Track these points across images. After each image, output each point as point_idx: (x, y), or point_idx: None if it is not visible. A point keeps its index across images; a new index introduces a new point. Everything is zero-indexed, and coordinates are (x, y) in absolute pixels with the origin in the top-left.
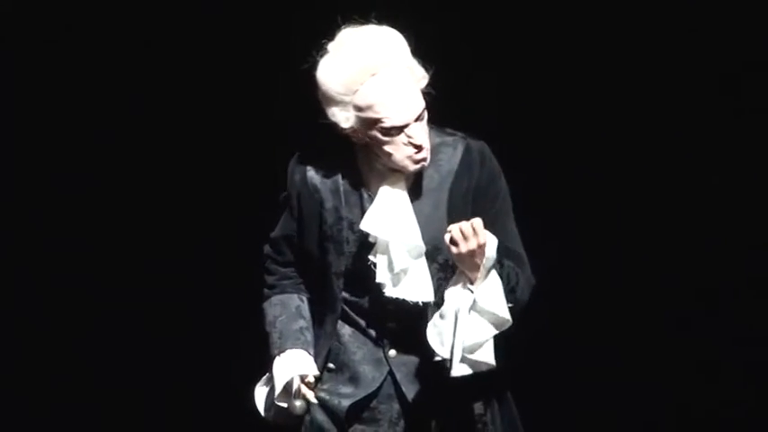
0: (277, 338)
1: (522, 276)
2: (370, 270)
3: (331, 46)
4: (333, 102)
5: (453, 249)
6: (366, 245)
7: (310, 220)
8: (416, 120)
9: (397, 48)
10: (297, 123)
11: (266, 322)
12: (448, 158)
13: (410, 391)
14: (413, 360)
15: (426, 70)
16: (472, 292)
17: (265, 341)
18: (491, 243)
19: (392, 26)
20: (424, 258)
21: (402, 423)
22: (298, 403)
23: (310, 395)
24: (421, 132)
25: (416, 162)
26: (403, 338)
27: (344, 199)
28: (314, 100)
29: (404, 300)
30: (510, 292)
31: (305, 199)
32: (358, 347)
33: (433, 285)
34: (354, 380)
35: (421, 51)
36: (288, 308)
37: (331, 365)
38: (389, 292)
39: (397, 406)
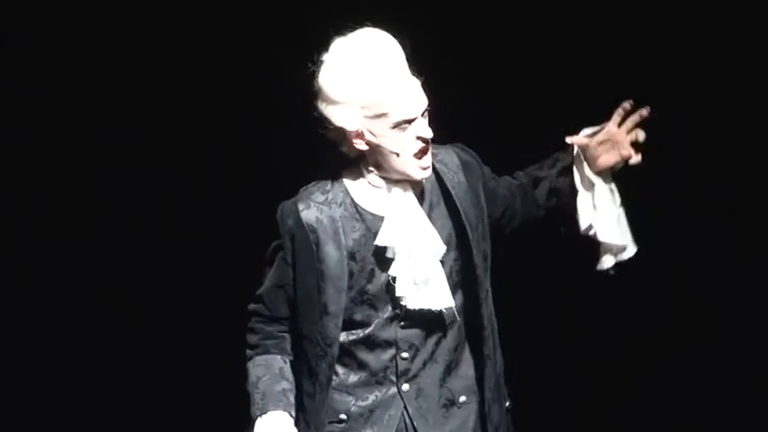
0: (259, 399)
1: None
2: (382, 293)
3: (327, 56)
4: (338, 104)
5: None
6: (380, 265)
7: (306, 261)
8: (422, 115)
9: (394, 47)
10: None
11: (248, 383)
12: (448, 168)
13: (421, 426)
14: (423, 393)
15: (418, 77)
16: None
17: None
18: None
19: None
20: (440, 265)
21: None
22: None
23: None
24: (427, 128)
25: (423, 168)
26: (415, 368)
27: (344, 230)
28: (313, 112)
29: (427, 310)
30: None
31: (299, 241)
32: (369, 392)
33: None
34: (372, 423)
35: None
36: (271, 369)
37: (343, 416)
38: (412, 303)
39: None
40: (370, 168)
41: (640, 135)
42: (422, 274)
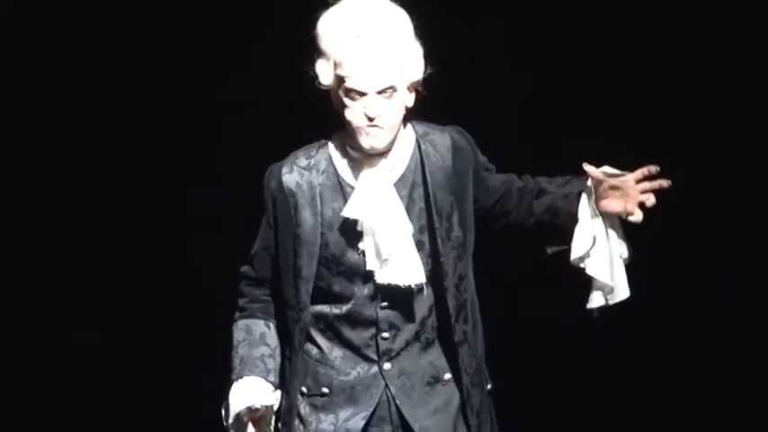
0: (237, 364)
1: None
2: (356, 266)
3: (339, 2)
4: (321, 54)
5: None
6: (354, 237)
7: (285, 224)
8: (379, 93)
9: (393, 21)
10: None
11: (231, 346)
12: (436, 150)
13: (404, 404)
14: (406, 371)
15: (425, 66)
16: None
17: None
18: None
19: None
20: (411, 241)
21: None
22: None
23: (251, 429)
24: (379, 108)
25: (368, 138)
26: (397, 347)
27: (323, 198)
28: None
29: (396, 286)
30: None
31: (280, 204)
32: (351, 368)
33: (425, 271)
34: (353, 400)
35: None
36: (252, 333)
37: (325, 390)
38: (380, 278)
39: (389, 428)
40: (349, 138)
41: (651, 200)
42: (386, 249)
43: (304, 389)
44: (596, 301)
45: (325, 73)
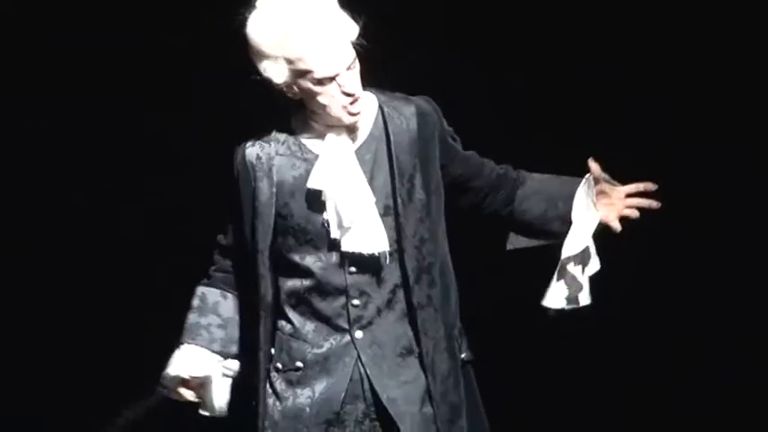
0: (184, 330)
1: None
2: (321, 235)
3: (259, 2)
4: (264, 57)
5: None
6: (317, 206)
7: (246, 198)
8: (347, 69)
9: (323, 0)
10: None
11: None
12: (400, 114)
13: (374, 374)
14: (378, 340)
15: (356, 22)
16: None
17: None
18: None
19: None
20: (374, 209)
21: (367, 422)
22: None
23: (189, 395)
24: (353, 81)
25: (351, 114)
26: (368, 315)
27: (281, 168)
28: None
29: (360, 254)
30: None
31: (242, 179)
32: (324, 339)
33: (389, 241)
34: (327, 371)
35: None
36: (206, 302)
37: (299, 364)
38: (345, 246)
39: (362, 405)
40: (310, 112)
41: (634, 214)
42: (348, 218)
43: (279, 365)
44: (557, 301)
45: (277, 73)
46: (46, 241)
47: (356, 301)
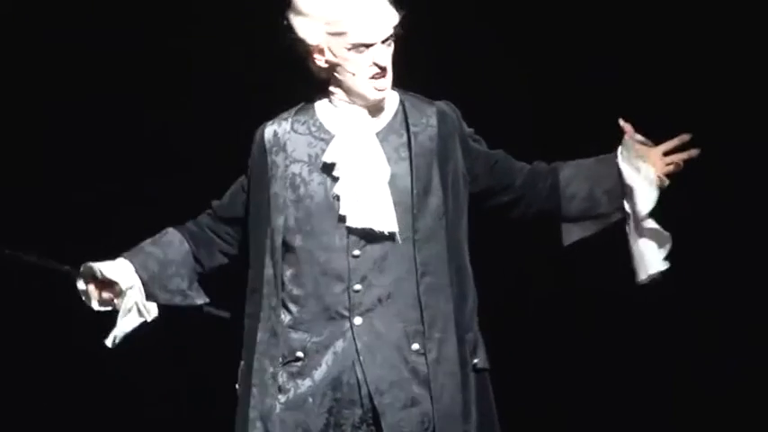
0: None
1: None
2: (329, 212)
3: None
4: (302, 14)
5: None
6: (329, 183)
7: (261, 175)
8: (384, 42)
9: None
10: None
11: None
12: (421, 113)
13: (367, 363)
14: (376, 329)
15: (398, 11)
16: None
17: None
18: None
19: None
20: (387, 189)
21: (364, 427)
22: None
23: (92, 292)
24: (386, 56)
25: (377, 89)
26: (368, 302)
27: (297, 144)
28: (282, 20)
29: (368, 232)
30: None
31: (258, 156)
32: (323, 327)
33: (399, 226)
34: (327, 358)
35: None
36: (163, 237)
37: (300, 354)
38: (352, 221)
39: (359, 411)
40: (333, 90)
41: (678, 167)
42: (360, 191)
43: (281, 358)
44: (654, 264)
45: (312, 32)
46: (46, 241)
47: (357, 287)
